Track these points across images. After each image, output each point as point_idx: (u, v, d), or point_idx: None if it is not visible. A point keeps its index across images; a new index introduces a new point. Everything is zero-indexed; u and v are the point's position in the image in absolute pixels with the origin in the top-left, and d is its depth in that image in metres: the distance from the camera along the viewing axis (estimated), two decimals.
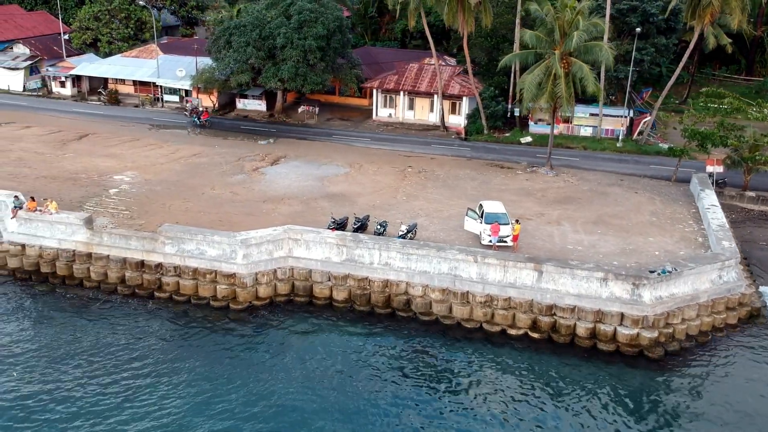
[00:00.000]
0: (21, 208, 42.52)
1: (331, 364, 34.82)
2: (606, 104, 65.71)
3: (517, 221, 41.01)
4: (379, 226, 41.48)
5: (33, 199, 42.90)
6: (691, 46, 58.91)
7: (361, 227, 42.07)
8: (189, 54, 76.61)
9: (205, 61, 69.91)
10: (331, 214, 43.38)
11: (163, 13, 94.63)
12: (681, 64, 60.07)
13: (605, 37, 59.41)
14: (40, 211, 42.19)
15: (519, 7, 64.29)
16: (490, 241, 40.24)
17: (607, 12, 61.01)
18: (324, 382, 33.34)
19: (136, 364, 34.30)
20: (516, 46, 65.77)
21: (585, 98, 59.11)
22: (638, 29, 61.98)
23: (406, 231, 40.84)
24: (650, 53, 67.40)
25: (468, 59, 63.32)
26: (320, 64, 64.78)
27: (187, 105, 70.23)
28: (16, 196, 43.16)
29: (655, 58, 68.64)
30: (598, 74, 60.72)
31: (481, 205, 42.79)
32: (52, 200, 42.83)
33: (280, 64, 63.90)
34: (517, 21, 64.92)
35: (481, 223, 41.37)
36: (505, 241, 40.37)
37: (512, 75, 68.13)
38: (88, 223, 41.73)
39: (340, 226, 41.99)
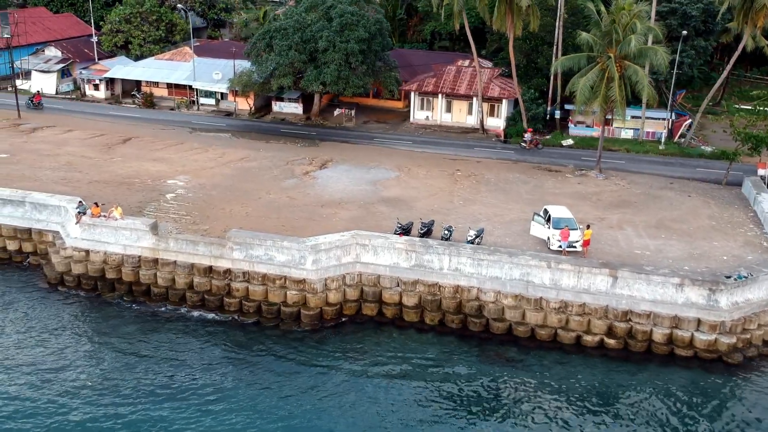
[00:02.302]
0: (85, 213, 42.34)
1: (401, 376, 34.90)
2: (637, 106, 65.34)
3: (587, 226, 40.92)
4: (446, 232, 41.39)
5: (97, 204, 42.73)
6: (740, 49, 58.86)
7: (428, 232, 41.93)
8: (222, 56, 76.59)
9: (241, 64, 69.77)
10: (396, 219, 43.24)
11: (191, 15, 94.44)
12: (729, 67, 60.19)
13: (649, 40, 59.17)
14: (105, 216, 42.03)
15: (561, 9, 64.20)
16: (560, 247, 40.12)
17: (653, 15, 60.82)
18: (395, 395, 33.45)
19: (206, 376, 34.38)
20: (556, 48, 65.79)
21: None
22: (684, 32, 61.89)
23: (474, 236, 40.70)
24: (690, 55, 67.37)
25: (513, 62, 63.19)
26: (361, 67, 64.61)
27: (526, 136, 62.90)
28: (80, 202, 43.01)
29: (694, 60, 68.62)
30: None
31: (546, 209, 42.68)
32: (117, 206, 42.65)
33: (322, 68, 63.73)
34: (559, 24, 64.88)
35: (548, 228, 41.24)
36: (575, 247, 40.25)
37: (551, 77, 68.18)
38: (154, 228, 41.58)
39: (405, 231, 41.85)
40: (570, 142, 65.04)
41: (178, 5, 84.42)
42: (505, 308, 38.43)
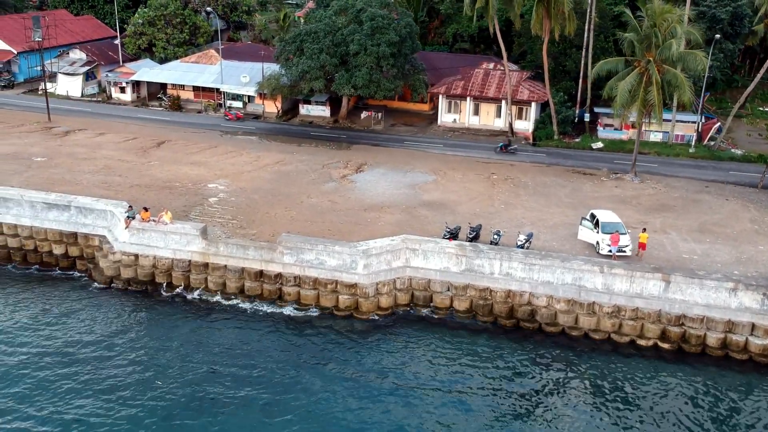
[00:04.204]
0: (134, 218, 42.47)
1: (455, 376, 35.13)
2: (668, 109, 65.58)
3: (644, 230, 41.17)
4: (495, 236, 41.54)
5: (146, 209, 42.87)
6: None
7: (476, 237, 42.10)
8: (247, 59, 76.83)
9: (269, 67, 69.90)
10: (445, 223, 43.40)
11: (213, 17, 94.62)
12: (763, 70, 60.21)
13: (682, 44, 59.30)
14: (154, 221, 42.17)
15: (592, 13, 64.41)
16: (610, 251, 40.26)
17: (686, 18, 60.87)
18: (448, 395, 33.75)
19: (262, 377, 34.68)
20: (586, 51, 66.02)
21: None
22: (717, 36, 62.09)
23: (524, 240, 40.87)
24: (719, 58, 67.58)
25: (546, 65, 63.40)
26: (392, 71, 64.78)
27: None
28: (130, 207, 43.15)
29: (722, 63, 68.89)
30: None
31: (593, 214, 42.85)
32: (167, 210, 42.79)
33: (353, 71, 63.86)
34: (589, 27, 65.11)
35: (597, 232, 41.40)
36: (624, 251, 40.39)
37: (580, 80, 68.46)
38: (204, 233, 41.74)
39: (454, 235, 42.04)
40: (600, 145, 65.23)
41: (207, 8, 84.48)
42: (558, 313, 38.65)
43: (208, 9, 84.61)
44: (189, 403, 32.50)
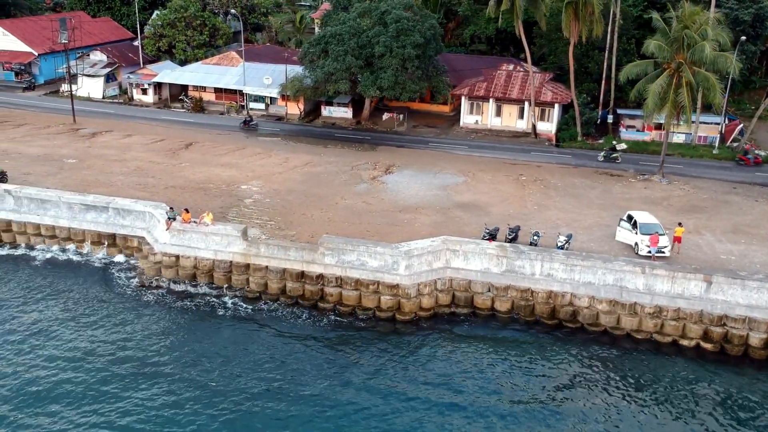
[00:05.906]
0: (174, 219, 42.76)
1: (500, 375, 35.48)
2: (693, 111, 65.86)
3: (679, 224, 41.69)
4: (534, 237, 41.85)
5: (187, 210, 43.17)
6: None
7: (515, 238, 42.41)
8: (267, 61, 77.24)
9: (292, 69, 70.20)
10: (485, 224, 43.74)
11: (231, 19, 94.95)
12: None
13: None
14: (196, 222, 42.46)
15: (617, 15, 64.74)
16: (649, 252, 40.58)
17: (710, 17, 61.18)
18: (495, 395, 34.06)
19: (313, 375, 34.89)
20: (609, 53, 66.35)
21: None
22: (743, 38, 62.47)
23: (565, 241, 41.19)
24: (741, 60, 67.85)
25: (572, 67, 63.71)
26: (417, 72, 65.09)
27: None
28: (171, 208, 43.45)
29: (744, 64, 69.20)
30: None
31: (630, 215, 43.17)
32: (208, 212, 43.09)
33: (378, 73, 64.15)
34: (613, 29, 65.45)
35: (636, 233, 41.72)
36: (663, 252, 40.72)
37: (602, 82, 68.82)
38: (245, 234, 42.03)
39: (492, 236, 42.37)
40: (623, 146, 65.40)
41: (231, 10, 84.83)
42: (600, 313, 38.94)
43: (232, 11, 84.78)
44: (231, 403, 32.71)
